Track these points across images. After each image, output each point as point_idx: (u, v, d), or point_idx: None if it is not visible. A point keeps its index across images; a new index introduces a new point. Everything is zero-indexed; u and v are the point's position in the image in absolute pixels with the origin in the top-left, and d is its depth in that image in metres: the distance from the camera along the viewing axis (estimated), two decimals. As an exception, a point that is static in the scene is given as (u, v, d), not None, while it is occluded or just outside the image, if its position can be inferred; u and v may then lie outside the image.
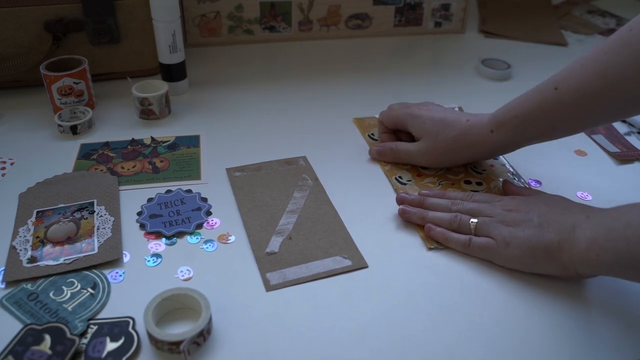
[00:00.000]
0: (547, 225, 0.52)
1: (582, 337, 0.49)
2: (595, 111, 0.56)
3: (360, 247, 0.57)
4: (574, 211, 0.53)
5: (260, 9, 0.96)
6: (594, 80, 0.54)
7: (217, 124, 0.76)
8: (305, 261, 0.55)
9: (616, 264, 0.47)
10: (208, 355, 0.46)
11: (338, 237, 0.58)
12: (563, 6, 1.20)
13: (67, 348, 0.44)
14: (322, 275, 0.54)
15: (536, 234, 0.52)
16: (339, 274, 0.54)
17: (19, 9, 0.75)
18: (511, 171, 0.68)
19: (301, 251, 0.56)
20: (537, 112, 0.58)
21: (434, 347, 0.47)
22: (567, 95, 0.55)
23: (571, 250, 0.50)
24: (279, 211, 0.61)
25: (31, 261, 0.53)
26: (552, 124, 0.58)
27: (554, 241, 0.51)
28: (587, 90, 0.54)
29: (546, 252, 0.51)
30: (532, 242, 0.52)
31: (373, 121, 0.78)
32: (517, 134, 0.60)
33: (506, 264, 0.54)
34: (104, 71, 0.83)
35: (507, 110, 0.60)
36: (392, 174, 0.67)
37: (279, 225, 0.59)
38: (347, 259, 0.55)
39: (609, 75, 0.53)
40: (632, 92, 0.53)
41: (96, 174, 0.65)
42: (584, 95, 0.55)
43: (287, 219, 0.60)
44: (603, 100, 0.54)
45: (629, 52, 0.52)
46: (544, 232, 0.52)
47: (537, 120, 0.58)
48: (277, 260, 0.55)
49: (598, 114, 0.56)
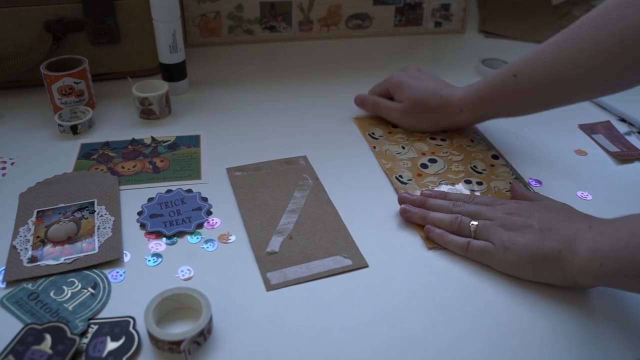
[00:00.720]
0: (548, 232, 0.52)
1: (582, 337, 0.49)
2: (548, 98, 0.64)
3: (360, 246, 0.57)
4: (576, 220, 0.52)
5: (261, 9, 0.96)
6: (545, 70, 0.61)
7: (217, 123, 0.76)
8: (306, 261, 0.55)
9: (619, 274, 0.46)
10: (208, 354, 0.46)
11: (338, 236, 0.58)
12: (563, 6, 1.20)
13: (68, 348, 0.44)
14: (323, 275, 0.54)
15: (536, 240, 0.52)
16: (339, 273, 0.54)
17: (19, 9, 0.75)
18: (511, 171, 0.68)
19: (301, 251, 0.56)
20: (498, 97, 0.66)
21: (434, 346, 0.47)
22: (523, 84, 0.63)
23: (572, 260, 0.49)
24: (280, 211, 0.61)
25: (32, 261, 0.53)
26: (512, 107, 0.68)
27: (554, 249, 0.50)
28: (540, 80, 0.62)
29: (545, 260, 0.51)
30: (531, 248, 0.51)
31: (373, 121, 0.78)
32: (481, 114, 0.71)
33: (504, 269, 0.54)
34: (104, 71, 0.83)
35: (473, 94, 0.69)
36: (392, 173, 0.67)
37: (279, 225, 0.59)
38: (348, 259, 0.55)
39: (558, 68, 0.60)
40: (578, 83, 0.60)
41: (96, 174, 0.65)
42: (537, 84, 0.62)
43: (287, 218, 0.60)
44: (554, 90, 0.62)
45: (574, 48, 0.59)
46: (544, 239, 0.51)
47: (499, 104, 0.67)
48: (278, 260, 0.55)
49: (550, 100, 0.64)
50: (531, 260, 0.51)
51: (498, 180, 0.66)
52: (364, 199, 0.63)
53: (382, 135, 0.74)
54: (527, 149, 0.73)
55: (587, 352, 0.47)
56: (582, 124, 0.79)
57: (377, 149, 0.72)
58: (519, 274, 0.53)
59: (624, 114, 0.80)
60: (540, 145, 0.73)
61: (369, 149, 0.72)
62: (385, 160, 0.70)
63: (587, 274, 0.48)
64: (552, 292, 0.52)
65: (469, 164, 0.69)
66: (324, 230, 0.59)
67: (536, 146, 0.73)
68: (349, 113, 0.79)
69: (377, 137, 0.74)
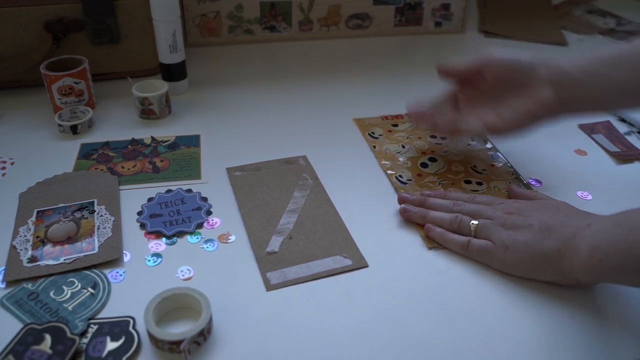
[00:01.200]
0: (547, 231, 0.52)
1: (583, 336, 0.49)
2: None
3: (360, 246, 0.57)
4: (575, 218, 0.52)
5: (261, 9, 0.96)
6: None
7: (217, 123, 0.76)
8: (305, 261, 0.55)
9: (619, 270, 0.46)
10: (208, 354, 0.46)
11: (338, 236, 0.58)
12: (563, 6, 1.19)
13: (68, 347, 0.44)
14: (323, 275, 0.54)
15: (536, 239, 0.52)
16: (339, 273, 0.54)
17: (19, 9, 0.75)
18: (511, 171, 0.68)
19: (301, 251, 0.56)
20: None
21: (434, 346, 0.47)
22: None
23: (572, 258, 0.49)
24: (280, 211, 0.61)
25: (31, 261, 0.53)
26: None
27: (554, 248, 0.50)
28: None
29: (545, 259, 0.51)
30: (531, 247, 0.52)
31: (373, 121, 0.78)
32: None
33: (504, 268, 0.54)
34: (104, 71, 0.83)
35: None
36: (392, 172, 0.67)
37: (279, 225, 0.59)
38: (348, 259, 0.55)
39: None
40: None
41: (96, 174, 0.65)
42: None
43: (287, 218, 0.60)
44: None
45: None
46: (544, 239, 0.51)
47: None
48: (278, 260, 0.55)
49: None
50: (531, 259, 0.52)
51: (498, 180, 0.66)
52: (363, 198, 0.63)
53: (382, 134, 0.74)
54: (527, 149, 0.73)
55: (588, 352, 0.47)
56: (582, 123, 0.79)
57: (377, 149, 0.72)
58: (520, 272, 0.53)
59: (624, 114, 0.80)
60: (540, 145, 0.73)
61: (369, 148, 0.72)
62: (385, 160, 0.70)
63: (587, 271, 0.48)
64: (552, 291, 0.52)
65: (469, 164, 0.69)
66: (323, 230, 0.59)
67: (536, 146, 0.73)
68: (349, 113, 0.79)
69: (377, 137, 0.74)
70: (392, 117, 0.78)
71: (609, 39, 1.07)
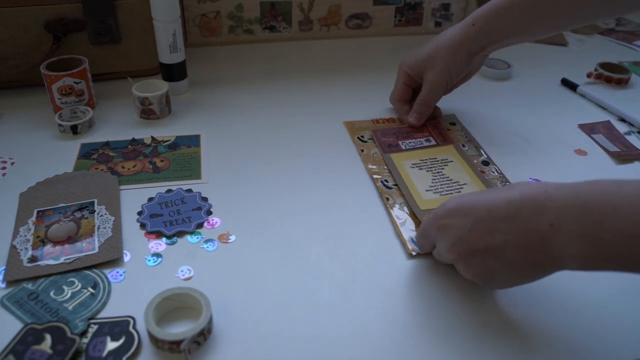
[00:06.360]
0: (513, 268, 0.46)
1: (583, 336, 0.49)
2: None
3: (360, 246, 0.57)
4: (531, 228, 0.45)
5: (261, 9, 0.96)
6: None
7: (217, 123, 0.76)
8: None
9: (600, 259, 0.42)
10: (209, 354, 0.46)
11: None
12: (563, 6, 1.19)
13: (68, 347, 0.44)
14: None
15: (512, 279, 0.47)
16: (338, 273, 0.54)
17: (19, 9, 0.75)
18: (500, 177, 0.67)
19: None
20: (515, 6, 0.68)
21: (434, 346, 0.47)
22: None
23: (561, 268, 0.44)
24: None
25: (32, 261, 0.53)
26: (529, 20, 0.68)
27: (533, 275, 0.46)
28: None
29: (536, 274, 0.46)
30: (512, 284, 0.48)
31: (363, 124, 0.76)
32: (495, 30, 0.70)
33: (506, 286, 0.50)
34: (104, 71, 0.83)
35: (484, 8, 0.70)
36: (377, 177, 0.66)
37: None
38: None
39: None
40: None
41: (96, 174, 0.65)
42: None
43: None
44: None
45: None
46: (517, 277, 0.47)
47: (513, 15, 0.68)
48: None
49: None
50: (520, 279, 0.47)
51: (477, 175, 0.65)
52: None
53: (370, 138, 0.73)
54: (527, 149, 0.73)
55: (588, 352, 0.47)
56: (582, 123, 0.79)
57: (364, 152, 0.71)
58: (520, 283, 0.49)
59: (624, 114, 0.80)
60: (540, 145, 0.73)
61: (356, 152, 0.71)
62: (372, 164, 0.68)
63: (573, 265, 0.43)
64: (552, 291, 0.52)
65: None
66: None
67: (536, 146, 0.73)
68: (349, 113, 0.79)
69: (365, 140, 0.73)
70: (384, 121, 0.78)
71: (609, 39, 1.07)
